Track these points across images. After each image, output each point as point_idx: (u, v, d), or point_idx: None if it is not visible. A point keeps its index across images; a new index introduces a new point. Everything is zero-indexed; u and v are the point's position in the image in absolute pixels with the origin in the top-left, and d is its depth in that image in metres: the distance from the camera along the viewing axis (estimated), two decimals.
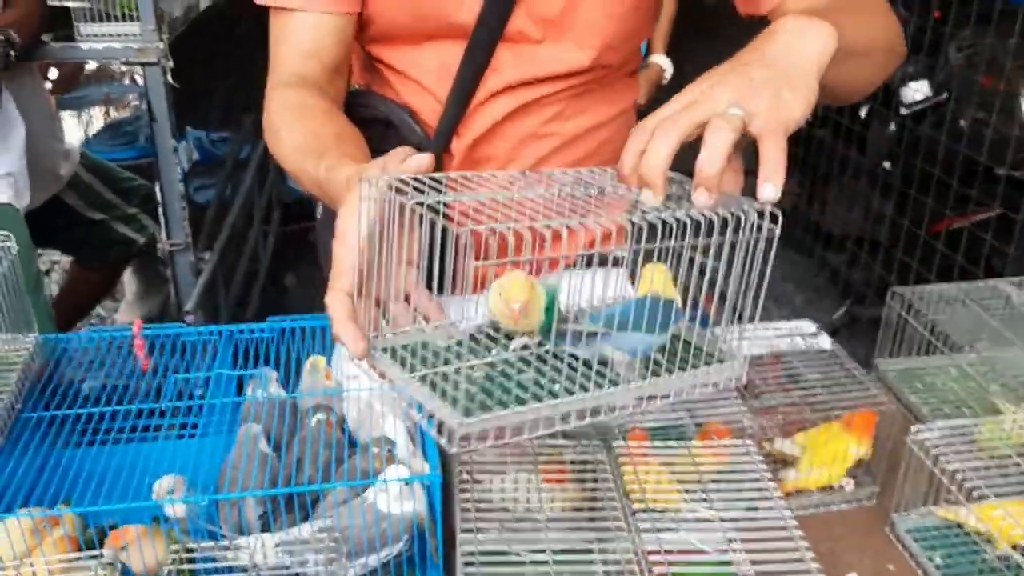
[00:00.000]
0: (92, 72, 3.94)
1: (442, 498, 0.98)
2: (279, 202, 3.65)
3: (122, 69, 3.82)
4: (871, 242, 3.44)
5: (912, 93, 3.07)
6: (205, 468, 1.05)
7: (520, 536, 0.97)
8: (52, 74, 3.17)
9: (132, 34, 2.15)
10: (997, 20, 2.77)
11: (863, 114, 3.38)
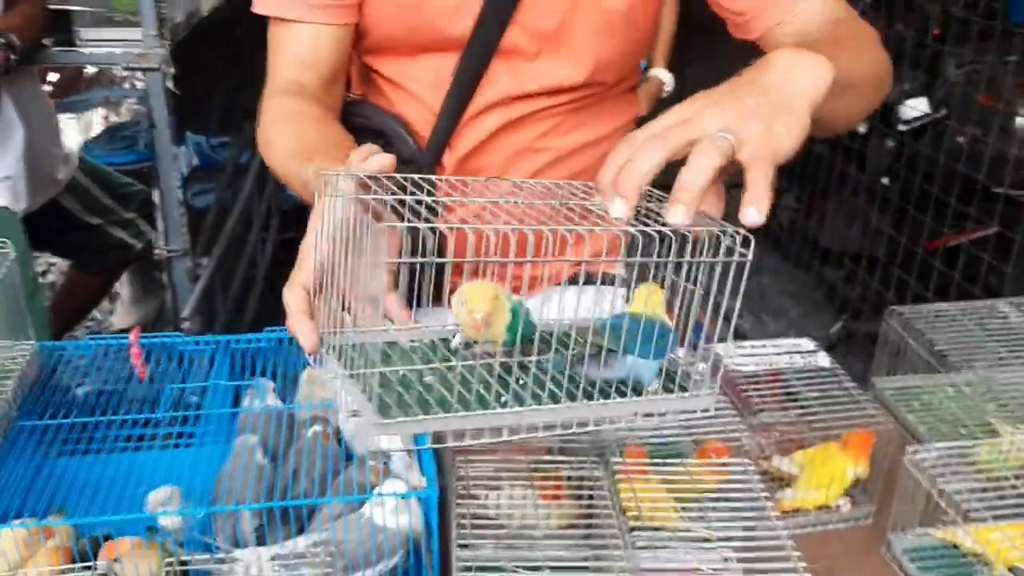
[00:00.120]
0: (93, 76, 3.93)
1: (438, 512, 0.98)
2: (278, 209, 3.65)
3: (123, 74, 3.81)
4: (868, 258, 3.45)
5: (910, 110, 3.08)
6: (201, 479, 1.05)
7: (515, 552, 0.96)
8: (52, 78, 3.17)
9: (134, 39, 2.15)
10: (997, 38, 2.78)
11: (862, 130, 3.39)
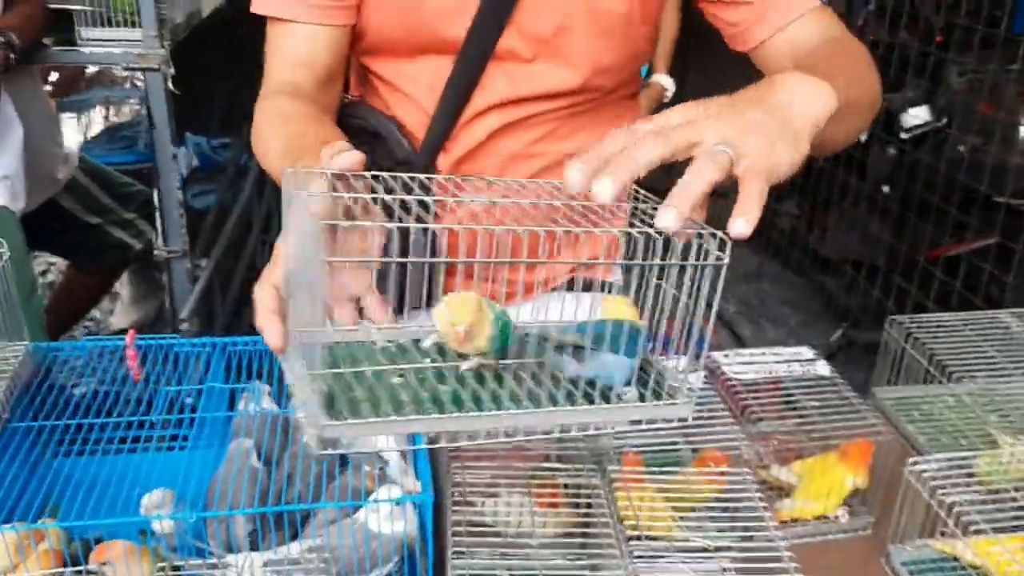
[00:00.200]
0: (93, 76, 3.93)
1: (433, 519, 0.97)
2: (278, 210, 3.62)
3: (124, 74, 3.81)
4: (869, 266, 3.44)
5: (912, 118, 3.07)
6: (195, 481, 1.04)
7: (511, 560, 0.95)
8: (52, 77, 3.16)
9: (134, 39, 2.14)
10: (999, 47, 2.77)
11: (863, 138, 3.38)
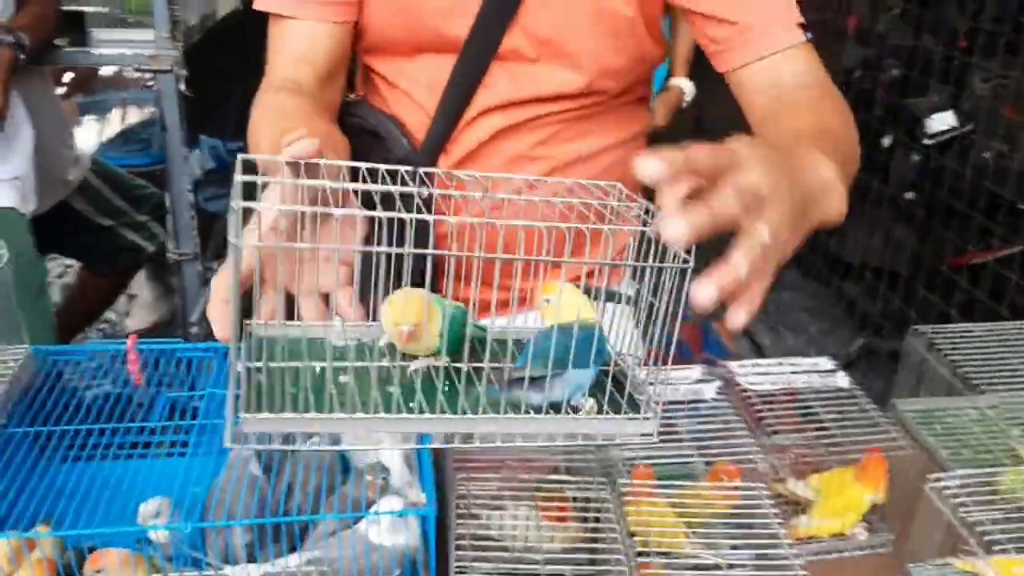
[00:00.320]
0: (110, 77, 3.93)
1: (437, 531, 0.94)
2: None
3: (139, 75, 3.81)
4: (890, 274, 3.39)
5: (936, 123, 3.03)
6: (195, 488, 1.02)
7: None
8: (66, 78, 3.17)
9: (146, 41, 2.14)
10: None
11: (886, 143, 3.34)
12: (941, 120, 3.02)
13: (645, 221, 0.74)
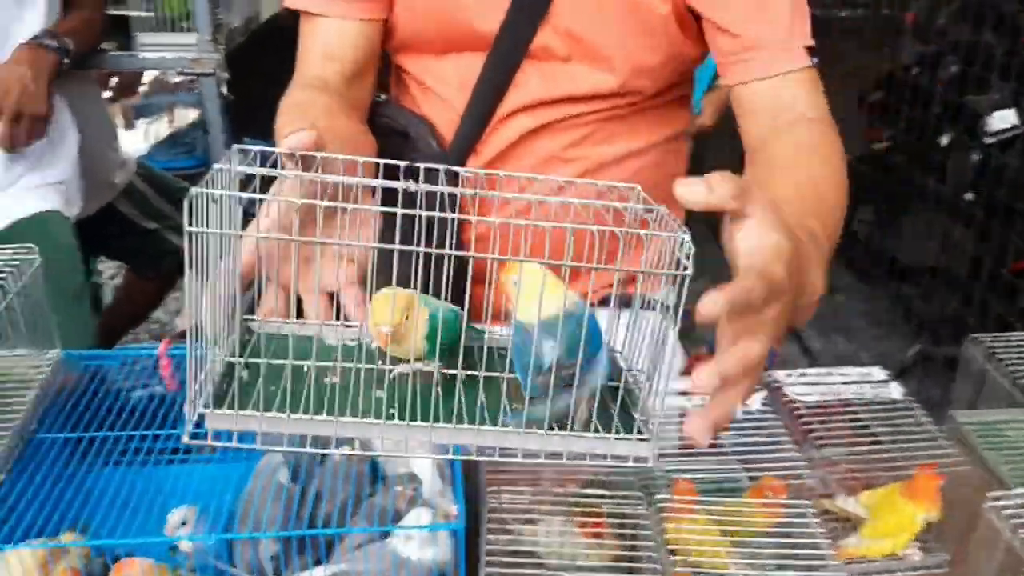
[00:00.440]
0: (157, 81, 3.98)
1: (468, 546, 0.91)
2: None
3: (181, 79, 3.85)
4: (949, 278, 3.30)
5: (998, 122, 2.93)
6: (226, 495, 1.01)
7: None
8: (113, 82, 3.20)
9: (189, 44, 2.14)
10: None
11: (944, 142, 3.24)
12: (1002, 118, 2.92)
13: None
